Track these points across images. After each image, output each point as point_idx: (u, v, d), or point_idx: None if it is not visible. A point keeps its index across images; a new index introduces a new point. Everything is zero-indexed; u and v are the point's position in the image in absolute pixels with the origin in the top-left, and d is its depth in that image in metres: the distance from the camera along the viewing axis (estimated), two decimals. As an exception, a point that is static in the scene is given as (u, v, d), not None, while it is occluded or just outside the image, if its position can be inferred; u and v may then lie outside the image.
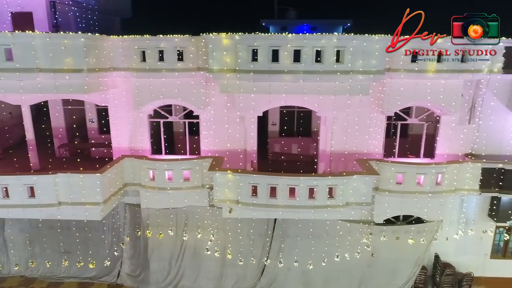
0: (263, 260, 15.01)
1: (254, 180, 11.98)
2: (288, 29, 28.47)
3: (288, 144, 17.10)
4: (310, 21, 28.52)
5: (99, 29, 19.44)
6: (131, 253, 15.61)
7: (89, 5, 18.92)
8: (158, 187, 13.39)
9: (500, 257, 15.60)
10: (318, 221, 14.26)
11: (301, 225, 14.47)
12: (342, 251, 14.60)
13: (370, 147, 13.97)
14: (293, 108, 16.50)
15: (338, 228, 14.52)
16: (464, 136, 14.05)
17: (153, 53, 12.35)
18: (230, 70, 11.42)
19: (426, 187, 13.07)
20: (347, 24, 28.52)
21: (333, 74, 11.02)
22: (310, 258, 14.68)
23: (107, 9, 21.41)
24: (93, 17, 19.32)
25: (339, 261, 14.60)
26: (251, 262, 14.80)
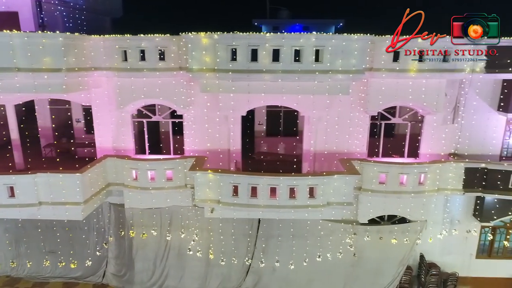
0: (248, 260, 14.98)
1: (235, 180, 11.96)
2: (280, 28, 28.41)
3: (275, 143, 17.13)
4: (302, 20, 28.48)
5: (88, 29, 19.39)
6: (116, 253, 15.58)
7: (77, 4, 18.86)
8: (141, 187, 13.37)
9: (486, 257, 15.58)
10: (303, 221, 14.26)
11: (286, 225, 14.46)
12: (326, 251, 14.59)
13: (353, 146, 13.95)
14: (280, 108, 16.48)
15: (323, 228, 14.51)
16: (448, 135, 14.03)
17: (134, 52, 12.32)
18: (210, 69, 11.39)
19: (409, 187, 13.05)
20: (340, 24, 28.54)
21: (312, 74, 10.99)
22: (294, 258, 14.66)
23: (97, 8, 21.35)
24: (81, 16, 19.26)
25: (324, 261, 14.59)
26: (235, 262, 14.79)
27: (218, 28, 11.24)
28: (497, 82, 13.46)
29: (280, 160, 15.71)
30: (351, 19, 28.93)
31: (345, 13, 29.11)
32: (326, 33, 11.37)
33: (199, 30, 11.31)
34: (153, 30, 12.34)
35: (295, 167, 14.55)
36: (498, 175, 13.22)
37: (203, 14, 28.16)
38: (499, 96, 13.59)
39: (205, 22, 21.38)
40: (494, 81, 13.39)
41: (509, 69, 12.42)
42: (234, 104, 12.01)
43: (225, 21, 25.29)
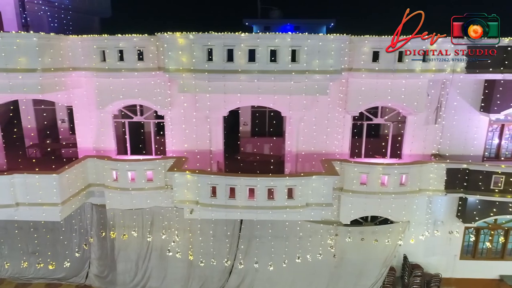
0: (231, 261, 14.92)
1: (212, 181, 11.89)
2: (271, 28, 28.36)
3: (260, 144, 17.07)
4: (293, 20, 28.41)
5: (75, 29, 19.33)
6: (99, 254, 15.52)
7: (62, 4, 18.80)
8: (121, 187, 13.28)
9: (470, 258, 15.52)
10: (286, 222, 14.19)
11: (268, 226, 14.40)
12: (309, 252, 14.52)
13: (335, 147, 13.88)
14: (265, 108, 16.40)
15: (306, 229, 14.46)
16: (430, 136, 13.96)
17: (112, 52, 12.25)
18: (186, 70, 11.32)
19: (390, 187, 12.98)
20: (331, 24, 28.48)
21: (288, 74, 10.91)
22: (277, 259, 14.60)
23: (84, 8, 21.30)
24: (67, 16, 19.20)
25: (307, 261, 14.53)
26: (218, 263, 14.71)
27: (208, 28, 11.19)
28: (479, 82, 13.40)
29: (264, 161, 15.62)
30: (342, 19, 28.95)
31: (337, 13, 29.13)
32: (317, 33, 11.40)
33: (189, 29, 11.21)
34: (143, 30, 12.26)
35: (279, 168, 14.49)
36: (480, 176, 13.14)
37: (193, 14, 28.12)
38: (481, 96, 13.53)
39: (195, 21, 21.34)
40: (476, 81, 13.32)
41: (489, 69, 12.34)
42: (210, 104, 11.95)
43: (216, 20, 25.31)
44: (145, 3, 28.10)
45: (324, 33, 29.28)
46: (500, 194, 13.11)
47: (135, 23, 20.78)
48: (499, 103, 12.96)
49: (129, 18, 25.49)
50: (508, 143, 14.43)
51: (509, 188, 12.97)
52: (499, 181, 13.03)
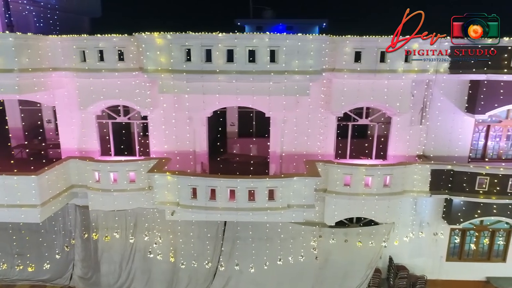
0: (215, 263, 14.82)
1: (192, 182, 11.78)
2: (264, 28, 28.25)
3: (247, 144, 16.94)
4: (286, 20, 28.33)
5: (63, 29, 19.15)
6: (83, 256, 15.43)
7: (49, 4, 18.67)
8: (102, 189, 13.19)
9: (456, 260, 15.42)
10: (270, 223, 14.06)
11: (253, 227, 14.29)
12: (295, 253, 14.41)
13: (320, 148, 13.79)
14: (251, 108, 16.26)
15: (292, 230, 14.35)
16: (416, 137, 13.86)
17: (92, 53, 12.14)
18: (165, 70, 11.21)
19: (373, 188, 12.88)
20: (323, 24, 28.39)
21: (267, 74, 10.81)
22: (262, 261, 14.46)
23: (73, 8, 21.17)
24: (53, 16, 19.05)
25: (292, 263, 14.42)
26: (202, 265, 14.59)
27: (199, 28, 11.03)
28: (464, 83, 13.28)
29: (249, 162, 15.48)
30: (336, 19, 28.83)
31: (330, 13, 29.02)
32: (310, 33, 11.34)
33: (179, 30, 11.08)
34: (134, 29, 12.03)
35: (264, 169, 14.39)
36: (464, 177, 13.05)
37: (185, 13, 27.96)
38: (466, 97, 13.42)
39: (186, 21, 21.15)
40: (461, 81, 13.20)
41: (472, 70, 12.24)
42: (189, 105, 11.85)
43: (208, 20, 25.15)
44: (136, 3, 27.95)
45: (317, 33, 29.24)
46: (485, 196, 13.02)
47: (126, 23, 20.69)
48: (484, 104, 12.85)
49: (120, 18, 25.38)
50: (494, 144, 14.30)
51: (494, 190, 12.89)
52: (484, 182, 12.94)
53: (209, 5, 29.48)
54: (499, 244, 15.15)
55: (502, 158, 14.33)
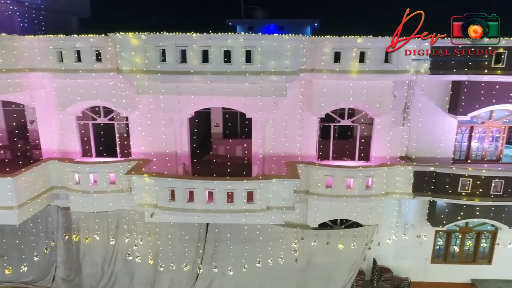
0: (197, 265, 14.70)
1: (170, 184, 11.67)
2: (255, 29, 28.12)
3: (232, 145, 16.79)
4: (277, 20, 28.14)
5: (49, 29, 19.00)
6: (65, 258, 15.32)
7: (34, 4, 18.53)
8: (82, 190, 13.08)
9: (441, 262, 15.28)
10: (253, 225, 13.96)
11: (235, 229, 14.20)
12: (276, 255, 14.30)
13: (302, 149, 13.65)
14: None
15: (274, 232, 14.24)
16: (399, 138, 13.72)
17: (69, 53, 12.03)
18: (140, 70, 11.09)
19: (355, 190, 12.75)
20: (315, 24, 28.22)
21: (242, 75, 10.68)
22: (244, 263, 14.36)
23: (59, 8, 21.02)
24: (39, 16, 18.93)
25: (275, 265, 14.31)
26: (184, 267, 14.48)
27: (190, 28, 10.90)
28: (447, 84, 13.14)
29: (233, 163, 15.40)
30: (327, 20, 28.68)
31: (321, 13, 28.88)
32: (301, 34, 11.24)
33: (171, 30, 10.89)
34: (123, 29, 11.88)
35: (247, 170, 14.25)
36: (447, 179, 12.91)
37: (175, 13, 27.84)
38: (449, 98, 13.29)
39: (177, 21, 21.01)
40: (443, 82, 13.06)
41: (453, 70, 12.11)
42: (164, 106, 11.73)
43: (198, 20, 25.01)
44: (126, 3, 27.82)
45: (309, 34, 29.01)
46: (468, 198, 12.88)
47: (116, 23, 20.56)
48: (465, 105, 12.71)
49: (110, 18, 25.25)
50: (478, 145, 14.16)
51: (477, 191, 12.75)
52: (467, 184, 12.81)
53: (200, 5, 29.35)
54: (484, 246, 15.00)
55: (486, 159, 14.16)
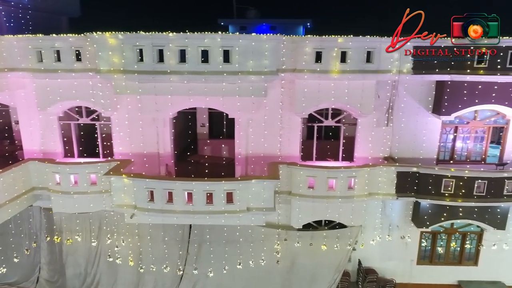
0: (181, 266, 14.59)
1: (148, 185, 11.57)
2: (247, 28, 28.03)
3: (218, 146, 16.73)
4: (269, 20, 28.08)
5: (36, 29, 18.91)
6: (49, 259, 15.22)
7: (20, 3, 18.42)
8: (62, 191, 12.99)
9: (427, 263, 15.17)
10: (235, 226, 13.87)
11: (218, 230, 14.09)
12: (259, 257, 14.19)
13: (286, 149, 13.55)
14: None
15: (256, 233, 14.14)
16: (383, 138, 13.61)
17: (48, 53, 11.96)
18: (117, 70, 10.99)
19: (337, 191, 12.65)
20: (307, 24, 28.14)
21: (219, 75, 10.58)
22: (228, 264, 14.26)
23: (47, 7, 20.89)
24: (26, 16, 18.81)
25: (259, 267, 14.20)
26: (168, 269, 14.37)
27: (181, 28, 10.80)
28: (431, 84, 13.03)
29: (218, 163, 15.32)
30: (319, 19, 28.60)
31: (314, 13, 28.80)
32: (294, 34, 11.16)
33: (162, 30, 10.78)
34: (114, 29, 11.76)
35: (231, 171, 14.15)
36: (430, 180, 12.81)
37: (167, 13, 27.73)
38: (432, 98, 13.18)
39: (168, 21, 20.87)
40: (428, 82, 12.96)
41: (436, 70, 12.02)
42: (142, 106, 11.63)
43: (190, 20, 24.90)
44: (117, 2, 27.71)
45: (301, 34, 28.89)
46: (451, 198, 12.79)
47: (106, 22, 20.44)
48: (448, 105, 12.61)
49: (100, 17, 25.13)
50: (463, 146, 14.05)
51: (460, 192, 12.65)
52: (450, 184, 12.71)
53: (192, 5, 29.25)
54: (470, 247, 14.90)
55: (470, 159, 14.05)
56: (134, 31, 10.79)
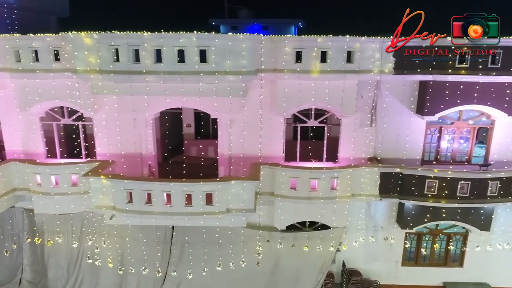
0: (164, 267, 14.47)
1: (126, 186, 11.47)
2: (239, 28, 27.92)
3: (204, 146, 16.63)
4: (261, 20, 28.02)
5: (23, 29, 18.80)
6: (31, 260, 15.07)
7: (5, 3, 18.29)
8: (43, 192, 12.90)
9: (412, 265, 15.06)
10: (220, 227, 13.74)
11: (200, 231, 13.96)
12: (244, 258, 14.05)
13: (269, 150, 13.43)
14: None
15: (240, 235, 14.01)
16: (367, 139, 13.50)
17: (26, 52, 11.86)
18: (93, 70, 10.88)
19: (319, 192, 12.55)
20: (299, 24, 28.04)
21: (196, 75, 10.46)
22: (211, 266, 14.12)
23: (34, 7, 20.75)
24: (11, 15, 18.68)
25: (243, 268, 14.07)
26: (151, 270, 14.23)
27: (172, 28, 10.65)
28: (414, 84, 12.91)
29: (202, 164, 15.20)
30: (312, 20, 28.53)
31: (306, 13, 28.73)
32: (286, 33, 11.05)
33: (153, 30, 10.63)
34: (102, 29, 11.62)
35: (215, 172, 14.03)
36: (413, 180, 12.71)
37: (157, 14, 27.61)
38: (416, 98, 13.07)
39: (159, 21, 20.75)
40: (410, 82, 12.84)
41: (417, 70, 11.91)
42: (118, 106, 11.52)
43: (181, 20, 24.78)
44: (107, 2, 27.60)
45: (293, 33, 28.74)
46: (434, 199, 12.67)
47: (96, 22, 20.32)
48: (431, 105, 12.50)
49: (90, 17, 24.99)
50: (448, 146, 13.94)
51: (443, 193, 12.53)
52: (433, 185, 12.60)
53: (183, 5, 29.15)
54: (455, 248, 14.79)
55: (456, 160, 13.94)
56: (122, 31, 10.66)
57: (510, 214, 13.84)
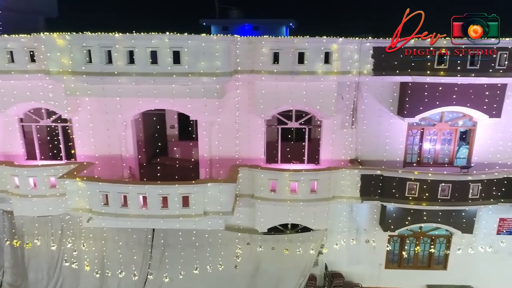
0: (145, 270, 14.35)
1: (101, 188, 11.35)
2: (230, 29, 27.82)
3: (188, 148, 16.44)
4: (252, 20, 27.88)
5: (9, 30, 18.68)
6: (12, 262, 14.93)
7: (-10, 3, 18.21)
8: (20, 194, 12.79)
9: (396, 267, 14.94)
10: (201, 230, 13.63)
11: (182, 234, 13.84)
12: (223, 261, 13.95)
13: (250, 152, 13.32)
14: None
15: (222, 237, 13.89)
16: (348, 141, 13.38)
17: (1, 53, 11.72)
18: (67, 72, 10.76)
19: (299, 194, 12.43)
20: (290, 24, 27.93)
21: (169, 77, 10.35)
22: (192, 269, 14.01)
23: (22, 8, 20.66)
24: (-5, 16, 18.57)
25: (224, 271, 13.97)
26: (132, 273, 14.13)
27: (163, 28, 10.58)
28: (392, 85, 12.80)
29: (184, 166, 15.10)
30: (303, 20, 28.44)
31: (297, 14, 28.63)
32: (277, 34, 10.95)
33: (143, 30, 10.54)
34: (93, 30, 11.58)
35: (196, 174, 13.91)
36: (394, 183, 12.59)
37: (148, 13, 27.53)
38: (396, 99, 12.95)
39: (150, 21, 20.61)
40: (390, 84, 12.72)
41: (396, 71, 11.79)
42: (91, 108, 11.42)
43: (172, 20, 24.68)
44: (96, 3, 27.53)
45: (285, 34, 28.57)
46: (415, 202, 12.55)
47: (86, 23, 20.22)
48: (411, 107, 12.39)
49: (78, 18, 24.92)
50: (430, 148, 13.81)
51: (424, 196, 12.41)
52: (413, 188, 12.48)
53: (173, 5, 29.06)
54: (439, 251, 14.66)
55: (438, 162, 13.82)
56: (111, 32, 10.50)
57: (493, 216, 13.73)
